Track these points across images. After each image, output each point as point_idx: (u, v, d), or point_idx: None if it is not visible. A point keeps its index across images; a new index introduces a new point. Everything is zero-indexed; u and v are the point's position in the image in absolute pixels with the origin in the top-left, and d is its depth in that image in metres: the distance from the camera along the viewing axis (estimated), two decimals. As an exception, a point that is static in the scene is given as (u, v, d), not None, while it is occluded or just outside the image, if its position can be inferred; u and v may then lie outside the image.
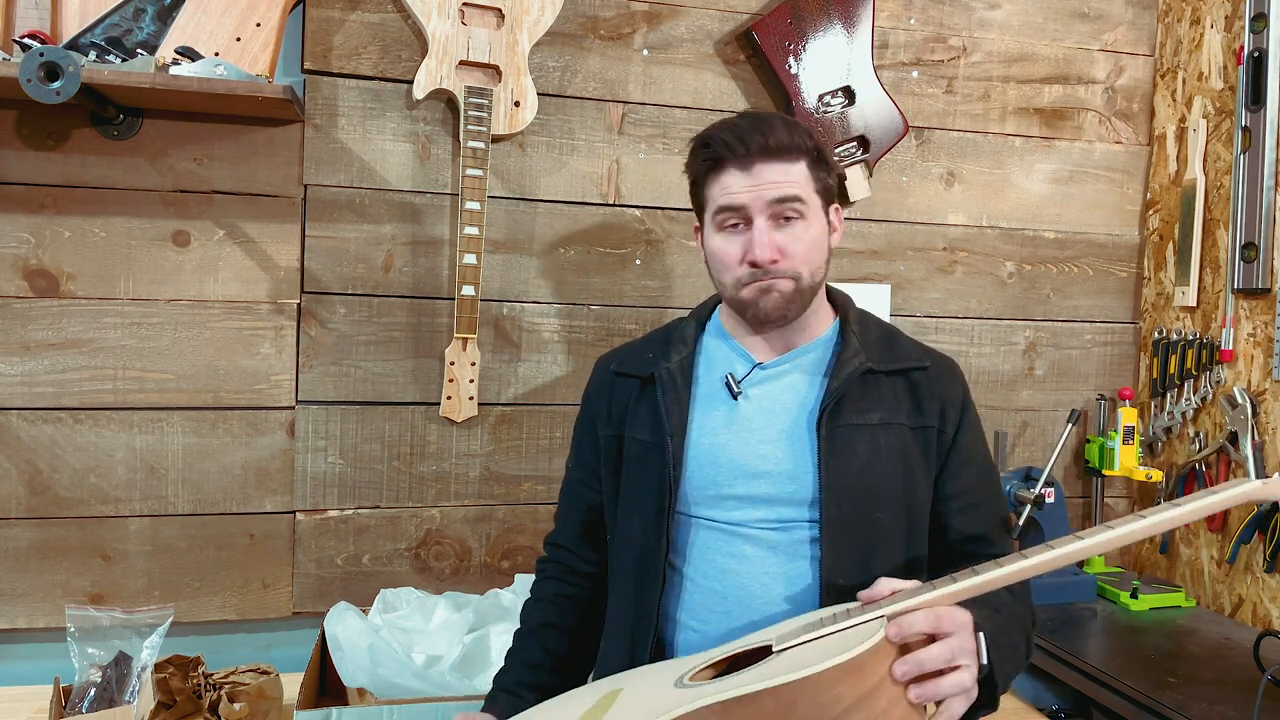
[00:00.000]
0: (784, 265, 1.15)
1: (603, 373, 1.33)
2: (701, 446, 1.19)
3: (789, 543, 1.14)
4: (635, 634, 1.18)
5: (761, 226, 1.14)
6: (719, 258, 1.19)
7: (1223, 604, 1.95)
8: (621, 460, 1.25)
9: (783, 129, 1.15)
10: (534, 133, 1.86)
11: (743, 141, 1.14)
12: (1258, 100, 1.88)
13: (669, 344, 1.27)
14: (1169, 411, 2.09)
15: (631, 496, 1.23)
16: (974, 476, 1.21)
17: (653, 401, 1.22)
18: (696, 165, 1.20)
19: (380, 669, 1.42)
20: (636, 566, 1.20)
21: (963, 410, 1.22)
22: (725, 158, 1.15)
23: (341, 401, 1.79)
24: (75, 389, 1.68)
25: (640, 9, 1.91)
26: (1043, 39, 2.13)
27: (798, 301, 1.17)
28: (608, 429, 1.27)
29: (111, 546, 1.70)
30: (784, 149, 1.14)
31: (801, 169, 1.16)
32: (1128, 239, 2.21)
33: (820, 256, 1.18)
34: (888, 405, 1.18)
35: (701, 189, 1.21)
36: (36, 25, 1.61)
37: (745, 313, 1.20)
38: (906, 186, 2.07)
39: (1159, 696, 1.50)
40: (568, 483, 1.35)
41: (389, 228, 1.81)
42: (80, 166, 1.67)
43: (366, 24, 1.78)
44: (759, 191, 1.14)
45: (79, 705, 1.37)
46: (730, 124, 1.17)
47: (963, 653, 0.90)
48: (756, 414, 1.19)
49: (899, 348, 1.24)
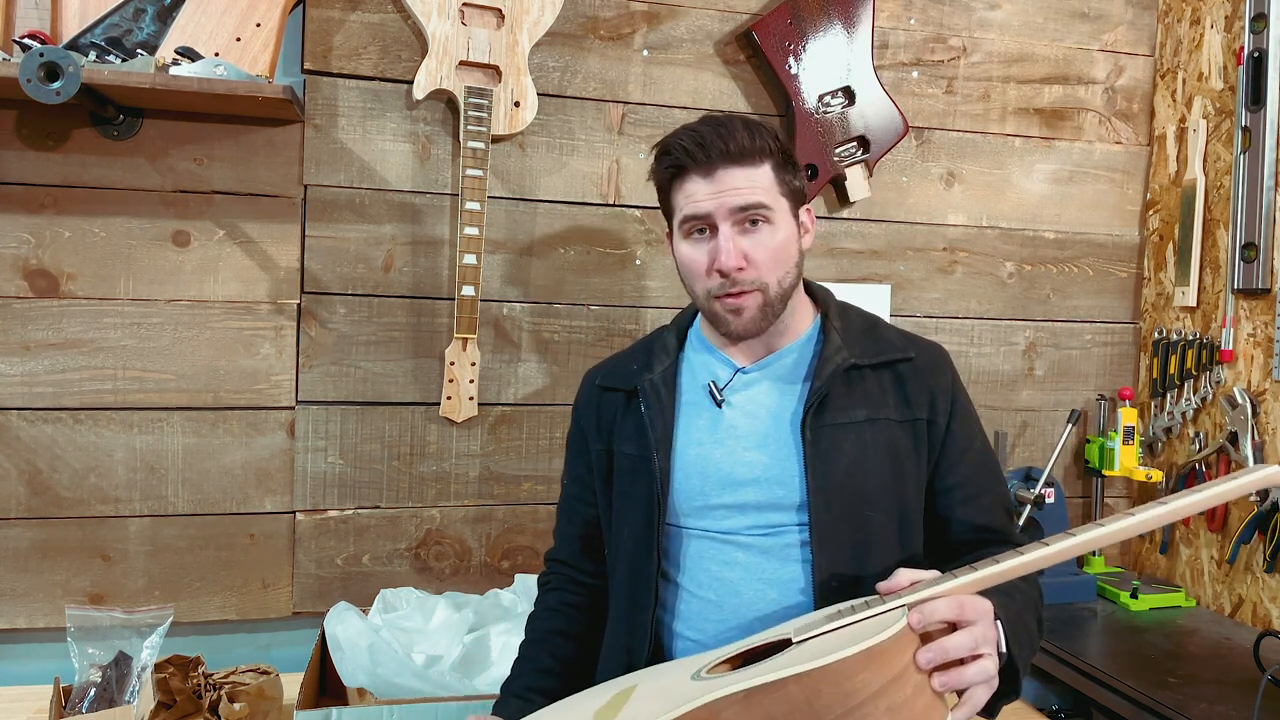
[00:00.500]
0: (749, 274, 1.12)
1: (589, 387, 1.32)
2: (688, 457, 1.18)
3: (780, 547, 1.14)
4: (631, 645, 1.18)
5: (726, 233, 1.12)
6: (688, 266, 1.17)
7: (1223, 604, 1.95)
8: (612, 474, 1.24)
9: (744, 133, 1.12)
10: (534, 133, 1.86)
11: (703, 148, 1.11)
12: (1258, 100, 1.88)
13: (651, 354, 1.26)
14: (1169, 412, 2.09)
15: (623, 509, 1.22)
16: (973, 465, 1.20)
17: (638, 415, 1.21)
18: (660, 173, 1.18)
19: (380, 669, 1.42)
20: (630, 578, 1.19)
21: (953, 398, 1.20)
22: (687, 165, 1.13)
23: (341, 401, 1.79)
24: (75, 389, 1.68)
25: (640, 9, 1.91)
26: (1043, 39, 2.13)
27: (768, 314, 1.15)
28: (598, 443, 1.27)
29: (111, 546, 1.70)
30: (746, 153, 1.12)
31: (766, 172, 1.13)
32: (1128, 239, 2.21)
33: (789, 261, 1.15)
34: (874, 400, 1.16)
35: (667, 197, 1.19)
36: (36, 25, 1.61)
37: (719, 327, 1.18)
38: (906, 186, 2.07)
39: (1159, 696, 1.50)
40: (564, 498, 1.35)
41: (389, 228, 1.81)
42: (80, 166, 1.67)
43: (366, 24, 1.78)
44: (722, 199, 1.11)
45: (79, 705, 1.37)
46: (690, 130, 1.15)
47: (985, 641, 0.90)
48: (741, 420, 1.18)
49: (882, 339, 1.22)
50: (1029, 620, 1.06)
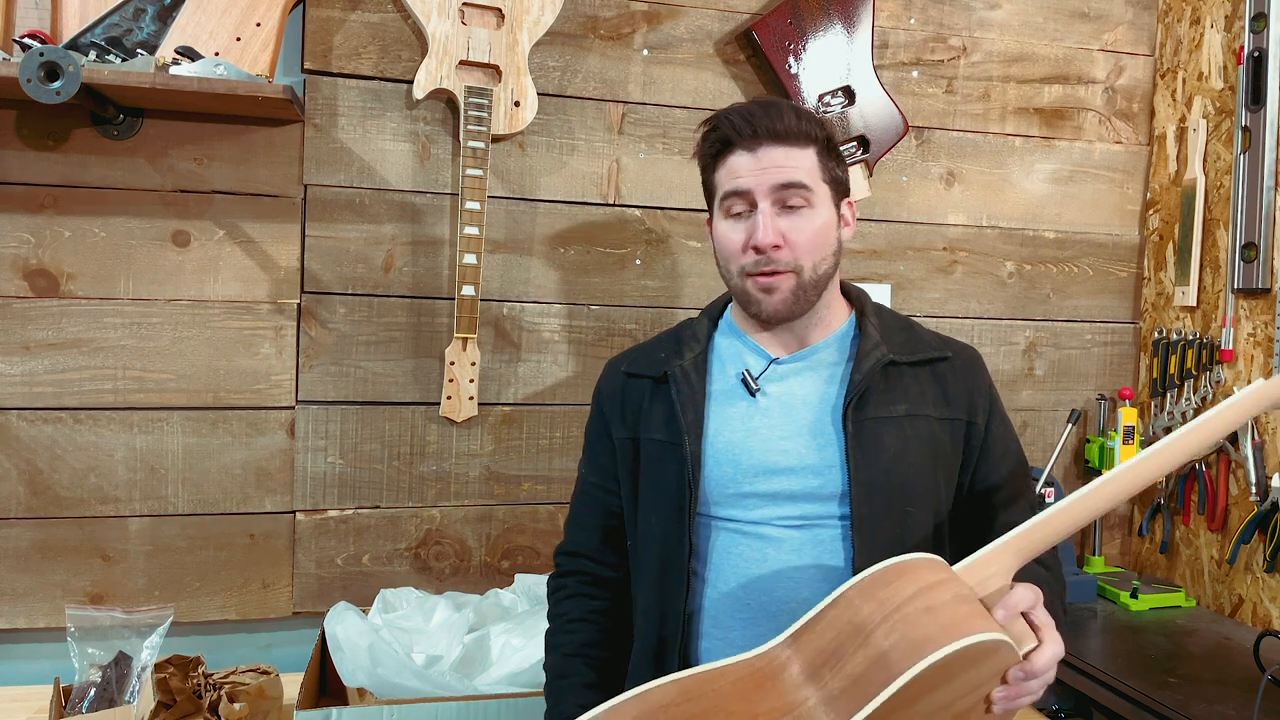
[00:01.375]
0: (785, 255, 1.13)
1: (613, 374, 1.29)
2: (719, 444, 1.16)
3: (812, 541, 1.12)
4: (662, 641, 1.15)
5: (765, 210, 1.12)
6: (724, 244, 1.17)
7: (1223, 604, 1.95)
8: (639, 463, 1.22)
9: (791, 115, 1.14)
10: (534, 133, 1.86)
11: (750, 123, 1.13)
12: (1258, 100, 1.88)
13: (680, 343, 1.25)
14: (1169, 411, 2.09)
15: (651, 499, 1.20)
16: (1013, 466, 1.20)
17: (667, 400, 1.19)
18: (704, 148, 1.19)
19: (380, 669, 1.42)
20: (659, 571, 1.17)
21: (991, 399, 1.21)
22: (732, 140, 1.14)
23: (341, 401, 1.79)
24: (75, 389, 1.68)
25: (640, 9, 1.91)
26: (1043, 39, 2.13)
27: (800, 298, 1.15)
28: (622, 432, 1.24)
29: (111, 546, 1.70)
30: (792, 134, 1.13)
31: (810, 156, 1.14)
32: (1128, 239, 2.21)
33: (826, 248, 1.16)
34: (912, 397, 1.16)
35: (710, 174, 1.20)
36: (36, 25, 1.61)
37: (749, 308, 1.18)
38: (906, 186, 2.06)
39: (1159, 696, 1.50)
40: (583, 488, 1.31)
41: (389, 228, 1.81)
42: (80, 166, 1.66)
43: (366, 24, 1.78)
44: (763, 175, 1.12)
45: (79, 705, 1.37)
46: (739, 108, 1.16)
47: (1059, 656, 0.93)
48: (776, 410, 1.17)
49: (918, 338, 1.22)
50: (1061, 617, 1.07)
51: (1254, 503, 1.86)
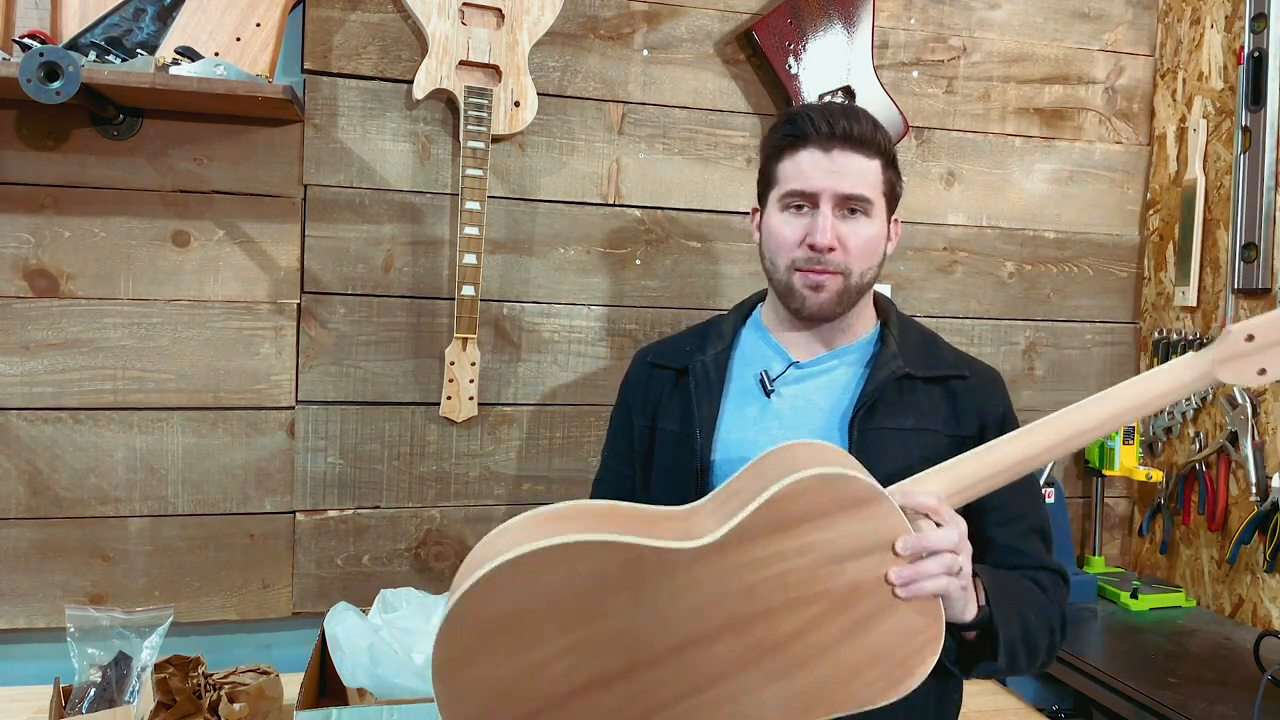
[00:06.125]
0: (839, 258, 1.15)
1: (640, 364, 1.35)
2: (730, 441, 1.19)
3: None
4: None
5: (826, 213, 1.15)
6: (777, 236, 1.18)
7: (1223, 604, 1.95)
8: (653, 451, 1.26)
9: (869, 123, 1.16)
10: (534, 133, 1.86)
11: (829, 123, 1.14)
12: (1258, 100, 1.88)
13: (706, 338, 1.28)
14: (1169, 411, 2.09)
15: (661, 487, 1.24)
16: (1020, 489, 1.18)
17: (685, 393, 1.23)
18: (776, 139, 1.20)
19: (380, 669, 1.42)
20: None
21: (1003, 421, 1.21)
22: (808, 135, 1.16)
23: (341, 401, 1.79)
24: (75, 389, 1.68)
25: (640, 9, 1.91)
26: (1043, 39, 2.13)
27: (844, 300, 1.18)
28: (641, 419, 1.29)
29: (111, 546, 1.70)
30: (866, 142, 1.15)
31: (876, 168, 1.17)
32: (1128, 239, 2.21)
33: (874, 258, 1.18)
34: (923, 412, 1.18)
35: (774, 164, 1.21)
36: (36, 25, 1.61)
37: (791, 303, 1.19)
38: (906, 186, 2.05)
39: (1159, 696, 1.50)
40: (604, 470, 1.37)
41: (389, 228, 1.81)
42: (80, 166, 1.66)
43: (366, 24, 1.78)
44: (833, 180, 1.14)
45: (79, 705, 1.37)
46: (819, 105, 1.19)
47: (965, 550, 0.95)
48: (789, 412, 1.19)
49: (938, 355, 1.24)
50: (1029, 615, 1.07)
51: (1254, 503, 1.86)
